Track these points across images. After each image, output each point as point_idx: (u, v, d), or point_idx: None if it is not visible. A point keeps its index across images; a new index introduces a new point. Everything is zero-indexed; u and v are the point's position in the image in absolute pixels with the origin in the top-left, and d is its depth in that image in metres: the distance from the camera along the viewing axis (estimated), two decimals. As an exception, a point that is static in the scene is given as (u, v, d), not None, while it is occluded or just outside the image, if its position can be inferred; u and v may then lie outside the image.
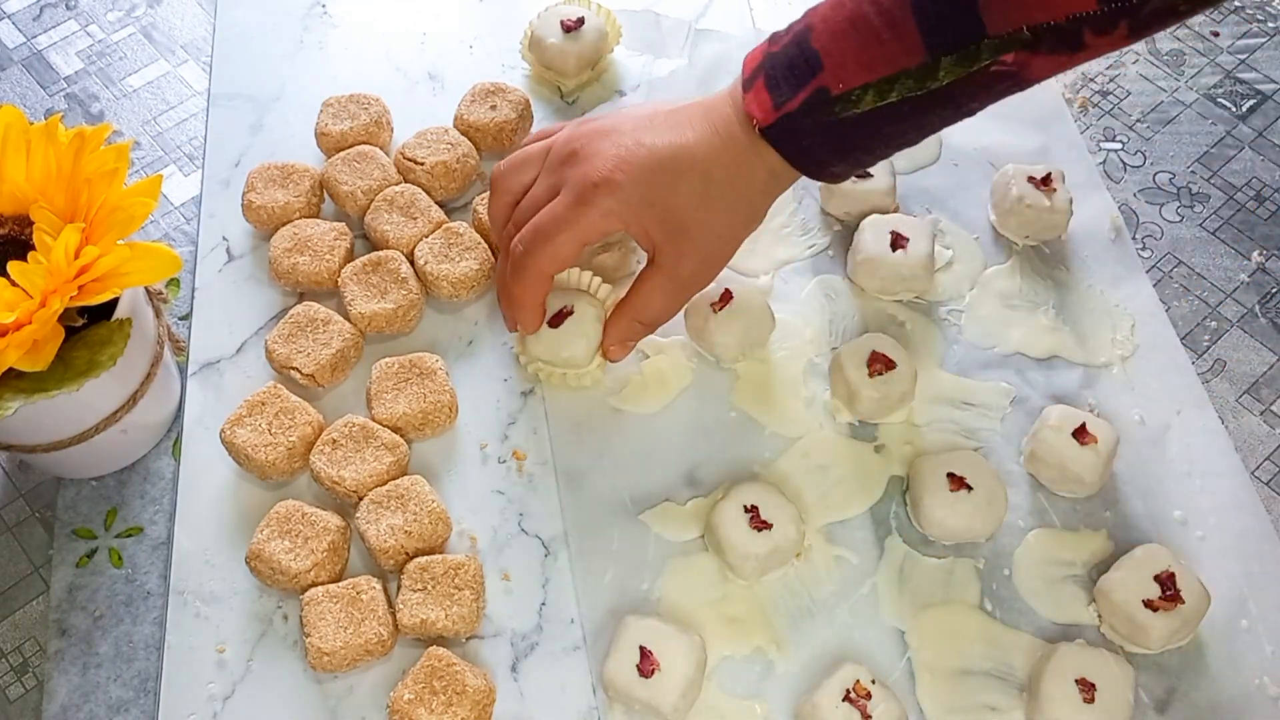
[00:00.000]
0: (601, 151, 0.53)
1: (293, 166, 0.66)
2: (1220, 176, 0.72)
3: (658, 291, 0.56)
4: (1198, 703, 0.53)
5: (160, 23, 0.80)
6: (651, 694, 0.50)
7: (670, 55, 0.75)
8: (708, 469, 0.59)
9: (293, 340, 0.60)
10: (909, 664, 0.54)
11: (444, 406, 0.58)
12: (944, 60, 0.47)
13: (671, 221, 0.53)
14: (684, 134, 0.53)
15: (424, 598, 0.53)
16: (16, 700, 0.55)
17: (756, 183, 0.54)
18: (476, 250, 0.63)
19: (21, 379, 0.49)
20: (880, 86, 0.48)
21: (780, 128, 0.51)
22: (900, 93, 0.48)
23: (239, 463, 0.57)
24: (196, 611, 0.55)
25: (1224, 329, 0.66)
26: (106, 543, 0.58)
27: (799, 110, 0.50)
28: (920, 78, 0.47)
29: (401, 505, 0.55)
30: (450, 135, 0.67)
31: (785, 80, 0.50)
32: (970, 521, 0.55)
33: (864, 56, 0.48)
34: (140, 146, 0.74)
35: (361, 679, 0.53)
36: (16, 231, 0.54)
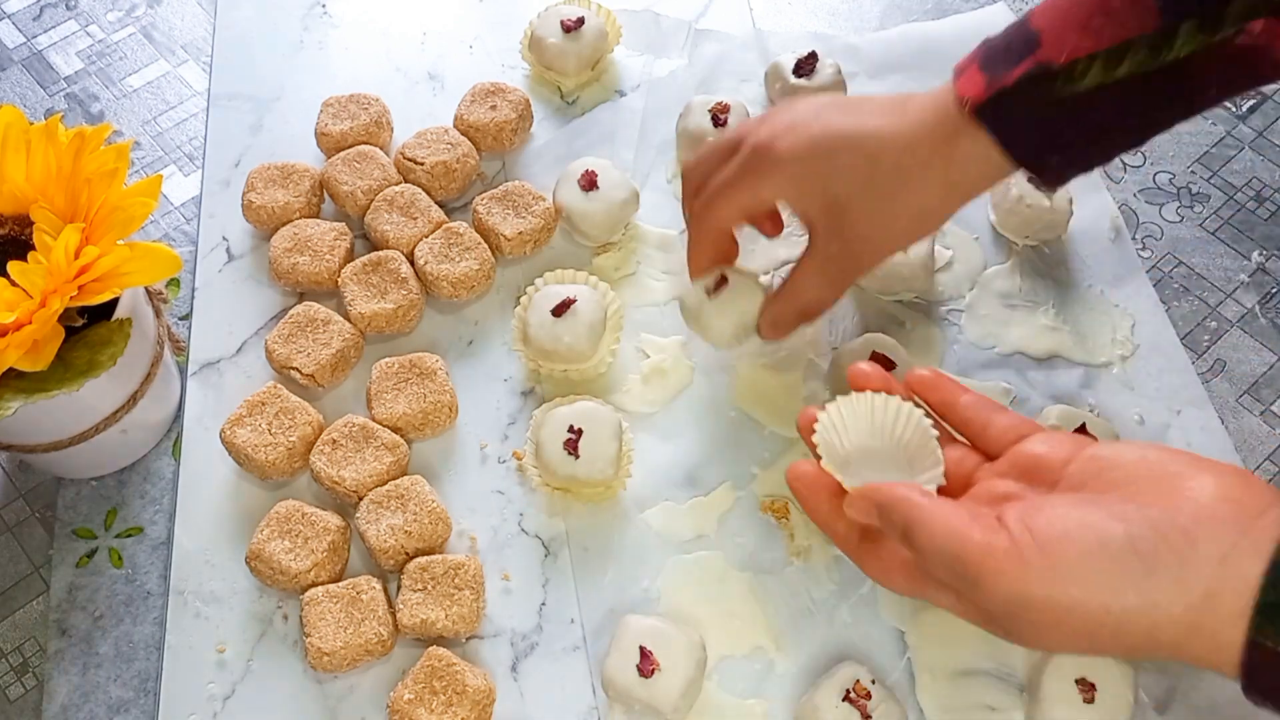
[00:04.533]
0: (777, 122, 0.51)
1: (293, 166, 0.66)
2: (1220, 176, 0.72)
3: (811, 275, 0.53)
4: (1198, 703, 0.53)
5: (160, 23, 0.80)
6: (651, 694, 0.50)
7: (670, 55, 0.75)
8: (708, 469, 0.59)
9: (293, 340, 0.60)
10: (909, 664, 0.54)
11: (444, 406, 0.58)
12: (1182, 27, 0.42)
13: (828, 200, 0.50)
14: (866, 117, 0.50)
15: (424, 598, 0.53)
16: (16, 700, 0.55)
17: (940, 177, 0.48)
18: (476, 250, 0.63)
19: (21, 379, 0.49)
20: (1108, 58, 0.43)
21: (994, 105, 0.46)
22: (1131, 66, 0.43)
23: (239, 463, 0.57)
24: (196, 611, 0.55)
25: (1224, 329, 0.66)
26: (106, 543, 0.58)
27: (1016, 85, 0.45)
28: (1154, 47, 0.43)
29: (401, 505, 0.55)
30: (450, 135, 0.67)
31: (1002, 59, 0.46)
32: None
33: (1091, 23, 0.43)
34: (140, 146, 0.74)
35: (361, 679, 0.53)
36: (16, 231, 0.54)
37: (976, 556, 0.38)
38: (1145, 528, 0.36)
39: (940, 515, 0.40)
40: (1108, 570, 0.36)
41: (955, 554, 0.39)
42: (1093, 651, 0.39)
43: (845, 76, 0.70)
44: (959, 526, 0.39)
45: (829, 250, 0.51)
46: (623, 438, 0.57)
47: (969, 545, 0.38)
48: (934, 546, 0.39)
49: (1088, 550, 0.36)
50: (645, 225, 0.67)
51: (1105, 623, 0.36)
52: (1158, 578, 0.36)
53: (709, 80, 0.73)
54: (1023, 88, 0.45)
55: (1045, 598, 0.37)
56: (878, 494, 0.42)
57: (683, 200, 0.56)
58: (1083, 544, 0.37)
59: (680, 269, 0.59)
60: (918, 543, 0.40)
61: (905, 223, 0.50)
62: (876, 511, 0.42)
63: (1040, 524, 0.38)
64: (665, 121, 0.71)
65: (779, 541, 0.57)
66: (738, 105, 0.67)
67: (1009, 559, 0.37)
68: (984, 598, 0.38)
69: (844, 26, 0.77)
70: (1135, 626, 0.36)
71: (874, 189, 0.49)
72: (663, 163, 0.70)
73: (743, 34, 0.76)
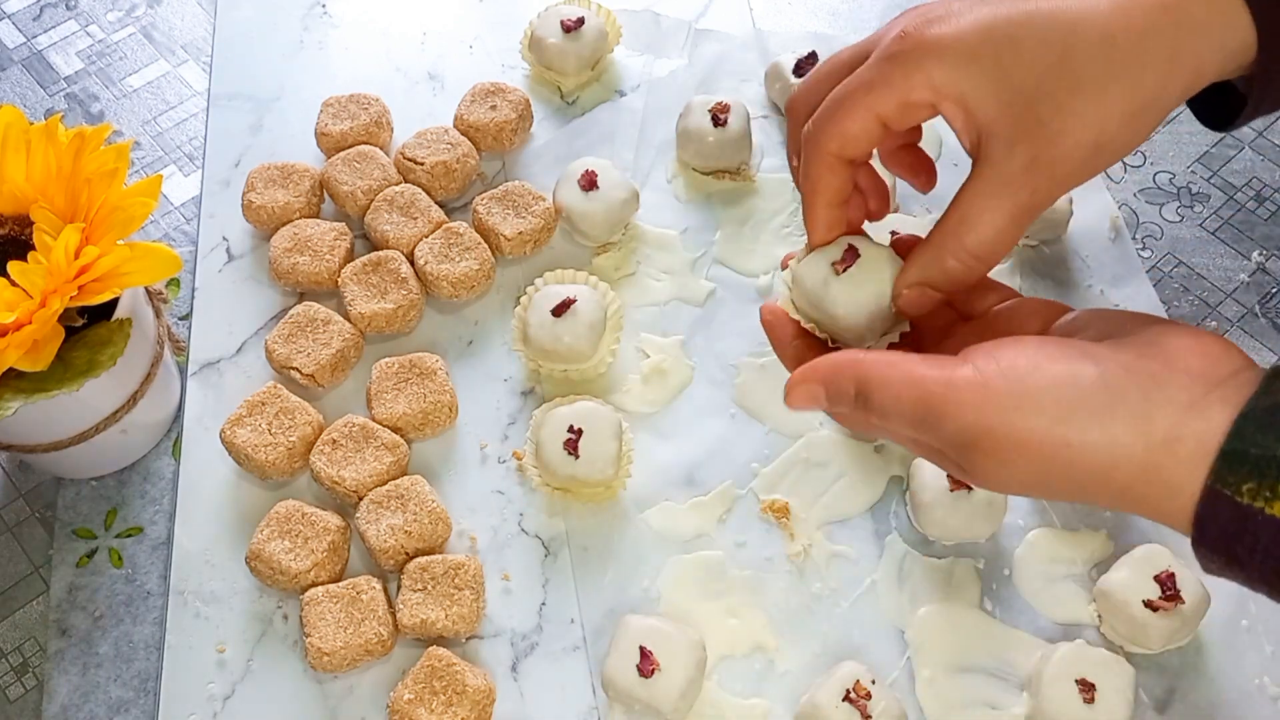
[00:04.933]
0: (929, 8, 0.39)
1: (293, 166, 0.66)
2: (1220, 176, 0.72)
3: (986, 204, 0.38)
4: (1198, 703, 0.53)
5: (160, 23, 0.80)
6: (651, 694, 0.50)
7: (670, 55, 0.75)
8: (708, 469, 0.59)
9: (293, 340, 0.60)
10: (909, 663, 0.54)
11: (444, 406, 0.58)
12: None
13: (1011, 95, 0.37)
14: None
15: (424, 598, 0.53)
16: (16, 700, 0.55)
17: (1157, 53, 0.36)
18: (476, 250, 0.63)
19: (21, 379, 0.49)
20: None
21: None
22: None
23: (239, 463, 0.57)
24: (196, 611, 0.55)
25: (1224, 329, 0.66)
26: (106, 543, 0.58)
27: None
28: None
29: (401, 505, 0.55)
30: (450, 135, 0.67)
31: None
32: (970, 521, 0.55)
33: None
34: (140, 146, 0.74)
35: (361, 679, 0.53)
36: (16, 231, 0.54)
37: (937, 390, 0.35)
38: (1116, 367, 0.35)
39: (894, 366, 0.37)
40: (1073, 402, 0.34)
41: (915, 398, 0.36)
42: (1045, 492, 0.37)
43: (845, 76, 0.70)
44: (915, 371, 0.36)
45: (1011, 166, 0.37)
46: (623, 438, 0.57)
47: (928, 383, 0.36)
48: (891, 399, 0.36)
49: (1055, 381, 0.34)
50: (645, 225, 0.67)
51: (1062, 456, 0.34)
52: (1121, 414, 0.34)
53: (709, 80, 0.73)
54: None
55: (1005, 426, 0.35)
56: (816, 370, 0.38)
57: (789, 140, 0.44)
58: (1051, 375, 0.35)
59: None
60: (875, 403, 0.37)
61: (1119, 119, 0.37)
62: (822, 390, 0.38)
63: (1007, 356, 0.35)
64: (665, 121, 0.71)
65: (779, 541, 0.57)
66: (738, 105, 0.67)
67: (971, 388, 0.35)
68: (942, 430, 0.36)
69: (844, 26, 0.77)
70: (1092, 463, 0.34)
71: (1075, 74, 0.36)
72: (663, 163, 0.70)
73: (743, 34, 0.76)
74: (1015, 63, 0.37)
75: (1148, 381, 0.34)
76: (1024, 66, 0.36)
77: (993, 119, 0.37)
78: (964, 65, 0.37)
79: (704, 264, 0.66)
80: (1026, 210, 0.38)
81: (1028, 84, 0.36)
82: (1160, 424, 0.34)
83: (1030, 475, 0.36)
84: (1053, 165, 0.37)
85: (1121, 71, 0.36)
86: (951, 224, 0.39)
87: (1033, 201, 0.38)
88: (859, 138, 0.39)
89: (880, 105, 0.38)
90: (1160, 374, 0.34)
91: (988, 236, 0.38)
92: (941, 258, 0.39)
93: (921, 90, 0.38)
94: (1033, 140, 0.37)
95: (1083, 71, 0.36)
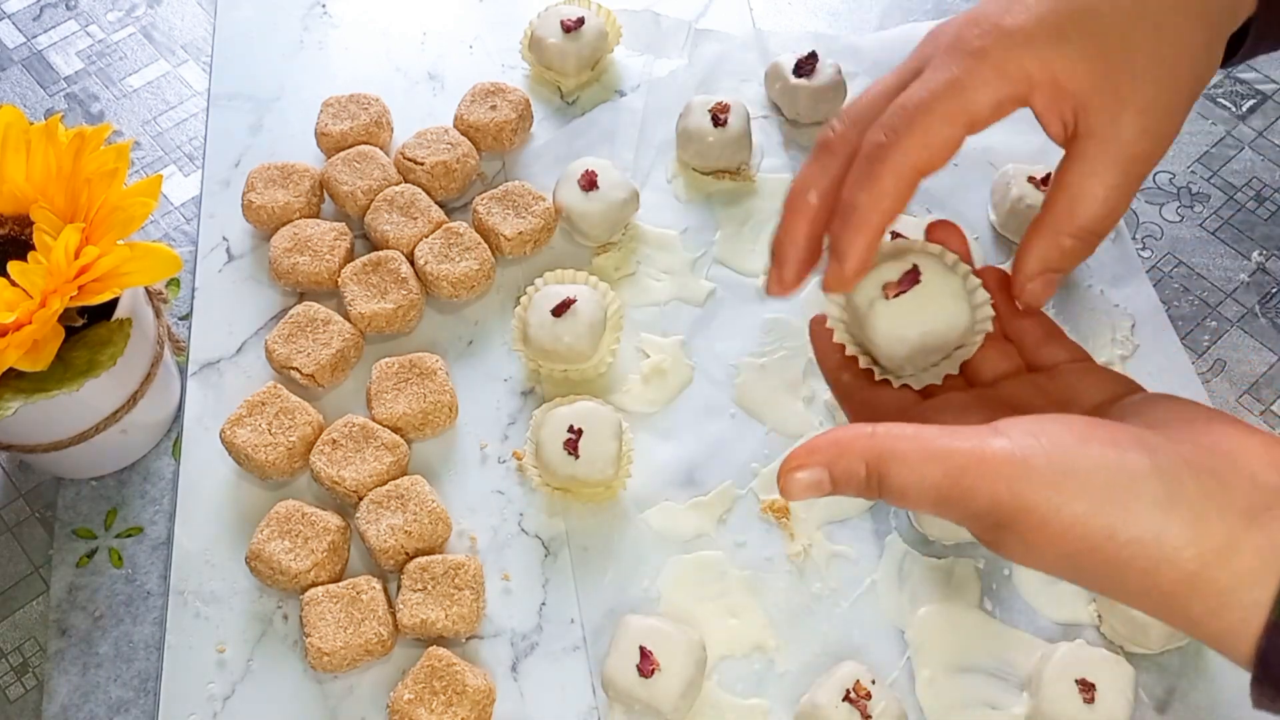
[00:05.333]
0: (981, 6, 0.37)
1: (293, 166, 0.66)
2: (1220, 176, 0.72)
3: (1098, 179, 0.37)
4: (1198, 703, 0.53)
5: (160, 23, 0.80)
6: (651, 694, 0.50)
7: (670, 55, 0.75)
8: (708, 469, 0.59)
9: (293, 340, 0.60)
10: (909, 663, 0.54)
11: (444, 406, 0.58)
12: None
13: (1104, 65, 0.36)
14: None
15: (424, 598, 0.53)
16: (16, 700, 0.55)
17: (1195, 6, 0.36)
18: (476, 250, 0.63)
19: (21, 379, 0.49)
20: None
21: None
22: None
23: (239, 463, 0.57)
24: (196, 611, 0.55)
25: (1224, 329, 0.66)
26: (106, 543, 0.58)
27: None
28: None
29: (401, 505, 0.55)
30: (450, 135, 0.67)
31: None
32: (970, 521, 0.55)
33: None
34: (140, 146, 0.74)
35: (361, 679, 0.53)
36: (16, 231, 0.54)
37: (967, 463, 0.32)
38: (1174, 460, 0.31)
39: (913, 440, 0.33)
40: (1123, 489, 0.31)
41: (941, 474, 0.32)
42: (1079, 579, 0.33)
43: (845, 76, 0.70)
44: (939, 444, 0.32)
45: (1120, 135, 0.36)
46: (623, 438, 0.57)
47: (956, 456, 0.32)
48: (912, 478, 0.32)
49: (1105, 464, 0.31)
50: (645, 225, 0.67)
51: (1105, 547, 0.31)
52: (1175, 511, 0.30)
53: (709, 80, 0.73)
54: None
55: (1045, 507, 0.31)
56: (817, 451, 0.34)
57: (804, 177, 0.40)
58: (1100, 458, 0.31)
59: None
60: (893, 483, 0.33)
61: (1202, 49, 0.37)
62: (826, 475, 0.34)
63: (1052, 432, 0.32)
64: (665, 121, 0.71)
65: (779, 541, 0.57)
66: (738, 105, 0.67)
67: (1007, 462, 0.32)
68: (971, 505, 0.32)
69: (844, 26, 0.77)
70: (1136, 561, 0.31)
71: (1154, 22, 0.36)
72: (663, 163, 0.70)
73: (743, 34, 0.76)
74: (1099, 30, 0.35)
75: (1209, 480, 0.31)
76: (1108, 31, 0.35)
77: (1089, 93, 0.36)
78: (1054, 46, 0.36)
79: (704, 264, 0.66)
80: (1139, 177, 0.37)
81: (1115, 48, 0.35)
82: (1217, 529, 0.30)
83: (1065, 561, 0.32)
84: (1160, 121, 0.36)
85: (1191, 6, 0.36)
86: (1064, 205, 0.37)
87: (1148, 165, 0.37)
88: (945, 146, 0.37)
89: (973, 105, 0.36)
90: (1223, 474, 0.31)
91: (1101, 211, 0.37)
92: (1058, 240, 0.38)
93: (1017, 83, 0.36)
94: (1136, 104, 0.36)
95: (1161, 20, 0.36)
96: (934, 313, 0.38)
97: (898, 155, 0.36)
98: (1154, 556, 0.31)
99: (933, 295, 0.38)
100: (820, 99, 0.69)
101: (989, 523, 0.32)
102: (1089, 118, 0.36)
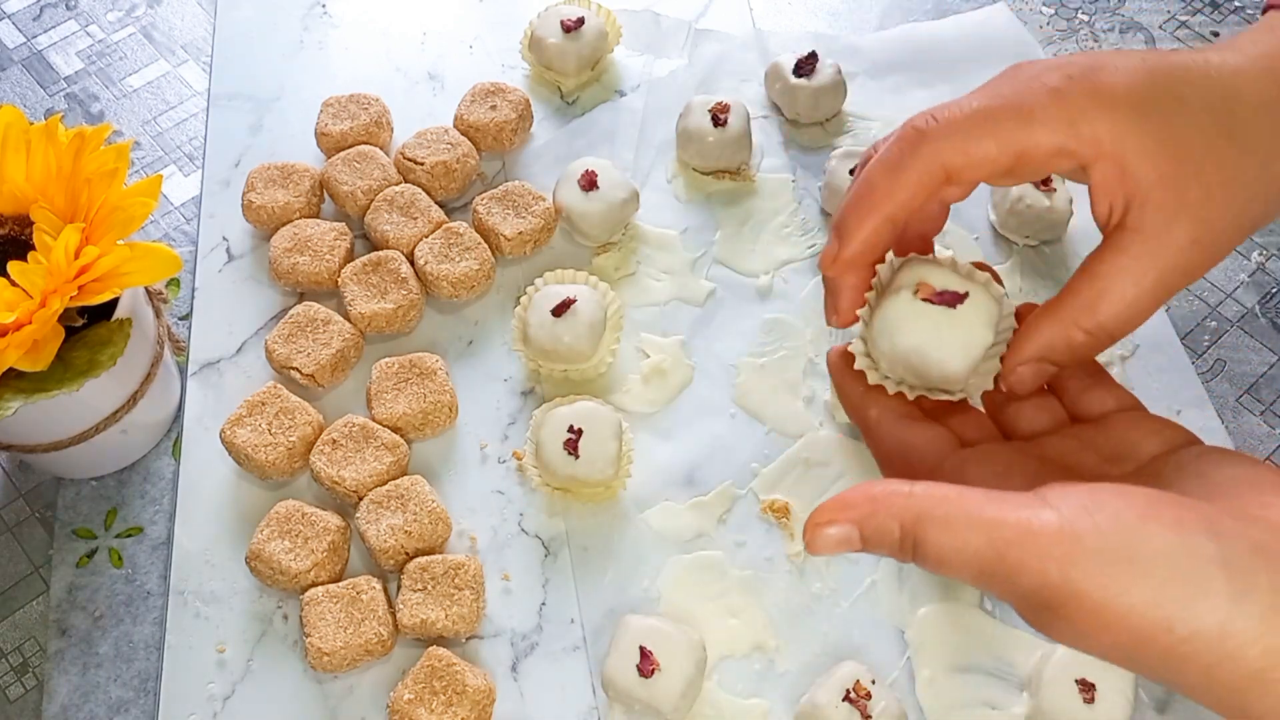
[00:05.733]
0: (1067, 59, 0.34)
1: (293, 166, 0.66)
2: (1220, 176, 0.72)
3: (1134, 278, 0.34)
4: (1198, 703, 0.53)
5: (160, 23, 0.80)
6: (651, 694, 0.50)
7: (670, 55, 0.75)
8: (708, 469, 0.59)
9: (293, 340, 0.60)
10: (909, 663, 0.54)
11: (444, 406, 0.58)
12: None
13: (1176, 163, 0.33)
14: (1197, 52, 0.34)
15: (424, 598, 0.53)
16: (16, 700, 0.55)
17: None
18: (476, 250, 0.63)
19: (21, 379, 0.49)
20: None
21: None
22: None
23: (239, 463, 0.57)
24: (196, 611, 0.55)
25: (1224, 329, 0.66)
26: (106, 543, 0.58)
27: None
28: None
29: (401, 505, 0.55)
30: (450, 135, 0.67)
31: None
32: (970, 521, 0.55)
33: None
34: (140, 146, 0.74)
35: (361, 679, 0.53)
36: (16, 231, 0.54)
37: (1013, 537, 0.29)
38: (1243, 546, 0.28)
39: (955, 504, 0.30)
40: (1187, 579, 0.28)
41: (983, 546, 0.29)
42: (1133, 668, 0.31)
43: (845, 76, 0.70)
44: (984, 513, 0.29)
45: (1169, 241, 0.33)
46: (623, 438, 0.57)
47: (1002, 529, 0.29)
48: (953, 547, 0.30)
49: (1167, 550, 0.28)
50: (645, 225, 0.67)
51: (1161, 641, 0.28)
52: (1243, 606, 0.28)
53: (709, 80, 0.73)
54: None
55: (1100, 595, 0.28)
56: (849, 506, 0.31)
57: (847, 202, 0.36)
58: (1162, 544, 0.28)
59: None
60: (930, 549, 0.30)
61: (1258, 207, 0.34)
62: (857, 534, 0.31)
63: (1110, 507, 0.29)
64: (665, 121, 0.71)
65: (779, 541, 0.57)
66: (738, 105, 0.67)
67: (1057, 540, 0.29)
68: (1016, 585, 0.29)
69: (844, 26, 0.77)
70: (1195, 655, 0.28)
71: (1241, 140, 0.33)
72: (663, 163, 0.70)
73: (743, 34, 0.76)
74: (1182, 123, 0.33)
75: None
76: (1191, 128, 0.33)
77: (1152, 186, 0.33)
78: (1133, 121, 0.33)
79: (704, 264, 0.66)
80: (1176, 289, 0.34)
81: (1195, 149, 0.33)
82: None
83: (1118, 650, 0.29)
84: (1216, 241, 0.33)
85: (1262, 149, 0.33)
86: (1087, 296, 0.34)
87: (1186, 280, 0.34)
88: (982, 164, 0.33)
89: (1031, 140, 0.33)
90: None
91: (1126, 314, 0.34)
92: (1070, 332, 0.35)
93: (1085, 143, 0.33)
94: (1196, 214, 0.33)
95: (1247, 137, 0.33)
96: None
97: (930, 149, 0.34)
98: (1217, 652, 0.28)
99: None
100: (820, 99, 0.69)
101: (1035, 603, 0.29)
102: (1144, 213, 0.33)
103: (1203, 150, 0.33)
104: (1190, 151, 0.32)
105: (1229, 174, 0.33)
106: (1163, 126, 0.32)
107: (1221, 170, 0.33)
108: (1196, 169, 0.33)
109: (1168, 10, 0.80)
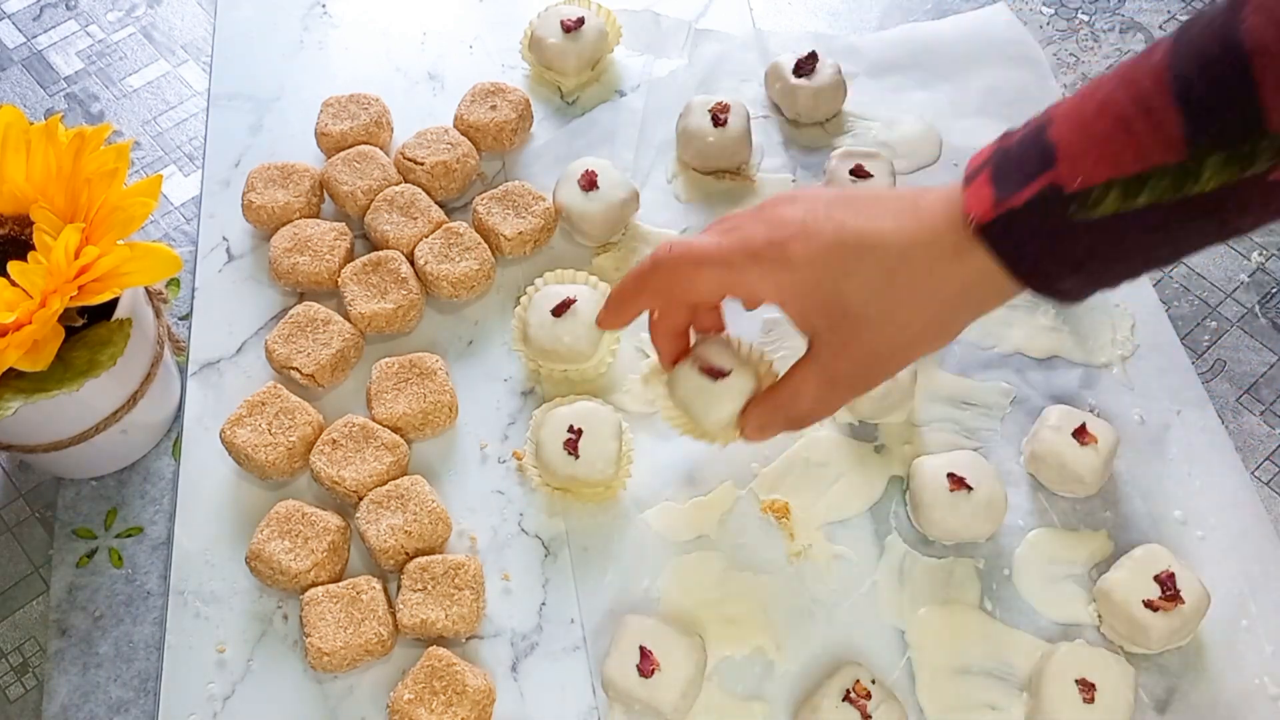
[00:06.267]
0: (786, 217, 0.47)
1: (293, 166, 0.66)
2: (1220, 176, 0.72)
3: (808, 386, 0.48)
4: (1198, 703, 0.53)
5: (160, 23, 0.80)
6: (651, 694, 0.50)
7: (670, 55, 0.75)
8: (708, 469, 0.59)
9: (293, 340, 0.60)
10: (909, 664, 0.54)
11: (444, 406, 0.58)
12: (1209, 160, 0.37)
13: (838, 310, 0.45)
14: (880, 220, 0.45)
15: (424, 598, 0.53)
16: (16, 700, 0.55)
17: (952, 289, 0.44)
18: (476, 250, 0.63)
19: (21, 379, 0.49)
20: (1127, 186, 0.39)
21: (1000, 227, 0.42)
22: (1151, 196, 0.39)
23: (239, 463, 0.57)
24: (196, 611, 0.55)
25: (1224, 329, 0.66)
26: (106, 543, 0.58)
27: (1025, 208, 0.41)
28: (1178, 179, 0.38)
29: (401, 505, 0.55)
30: (450, 135, 0.67)
31: (1013, 174, 0.42)
32: (970, 522, 0.55)
33: (1109, 149, 0.39)
34: (140, 146, 0.74)
35: (361, 679, 0.53)
36: (16, 231, 0.54)
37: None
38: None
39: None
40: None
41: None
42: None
43: (845, 76, 0.70)
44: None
45: (835, 366, 0.47)
46: (623, 438, 0.57)
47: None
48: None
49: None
50: (645, 225, 0.67)
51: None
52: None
53: (709, 80, 0.73)
54: (1033, 209, 0.41)
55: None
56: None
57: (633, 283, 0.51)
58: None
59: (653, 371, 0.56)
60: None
61: (920, 339, 0.47)
62: None
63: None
64: (665, 121, 0.71)
65: (779, 541, 0.57)
66: (738, 105, 0.67)
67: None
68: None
69: (844, 26, 0.77)
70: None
71: (888, 301, 0.45)
72: (663, 163, 0.70)
73: (743, 34, 0.76)
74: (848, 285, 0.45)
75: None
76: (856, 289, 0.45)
77: (822, 329, 0.47)
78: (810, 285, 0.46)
79: (704, 264, 0.66)
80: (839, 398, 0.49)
81: (855, 305, 0.45)
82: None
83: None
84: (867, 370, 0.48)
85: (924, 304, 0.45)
86: (781, 393, 0.50)
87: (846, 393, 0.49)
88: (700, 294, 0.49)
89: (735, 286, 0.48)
90: None
91: (807, 411, 0.50)
92: (775, 417, 0.50)
93: (769, 291, 0.47)
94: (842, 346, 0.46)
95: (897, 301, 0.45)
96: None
97: (659, 277, 0.49)
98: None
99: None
100: (820, 99, 0.69)
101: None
102: (820, 344, 0.47)
103: (862, 305, 0.45)
104: (850, 307, 0.45)
105: (876, 323, 0.45)
106: (831, 289, 0.45)
107: (870, 320, 0.45)
108: (856, 320, 0.45)
109: (1168, 10, 0.80)
